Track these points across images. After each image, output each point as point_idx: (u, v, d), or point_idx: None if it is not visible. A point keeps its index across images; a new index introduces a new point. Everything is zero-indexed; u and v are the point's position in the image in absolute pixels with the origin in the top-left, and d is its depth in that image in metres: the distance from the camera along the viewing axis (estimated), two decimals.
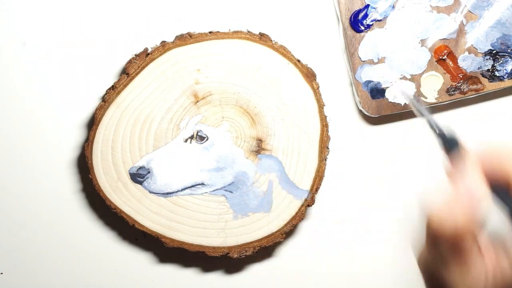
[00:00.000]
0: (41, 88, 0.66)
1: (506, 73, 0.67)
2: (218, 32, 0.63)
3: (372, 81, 0.67)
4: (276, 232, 0.65)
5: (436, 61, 0.67)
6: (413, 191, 0.72)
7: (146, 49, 0.63)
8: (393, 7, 0.67)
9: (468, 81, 0.68)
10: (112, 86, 0.63)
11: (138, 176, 0.63)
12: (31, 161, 0.67)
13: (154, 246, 0.69)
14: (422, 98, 0.68)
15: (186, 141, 0.64)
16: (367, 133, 0.71)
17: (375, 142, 0.71)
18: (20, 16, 0.66)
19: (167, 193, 0.64)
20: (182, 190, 0.64)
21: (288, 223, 0.65)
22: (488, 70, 0.68)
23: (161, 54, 0.62)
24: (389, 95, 0.68)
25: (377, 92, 0.67)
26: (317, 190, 0.66)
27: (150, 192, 0.64)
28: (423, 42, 0.67)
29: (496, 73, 0.68)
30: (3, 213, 0.68)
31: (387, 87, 0.68)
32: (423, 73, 0.68)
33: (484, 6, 0.67)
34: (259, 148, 0.64)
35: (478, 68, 0.68)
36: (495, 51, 0.67)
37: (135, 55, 0.63)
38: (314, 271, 0.71)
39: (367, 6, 0.67)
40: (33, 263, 0.69)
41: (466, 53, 0.67)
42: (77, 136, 0.67)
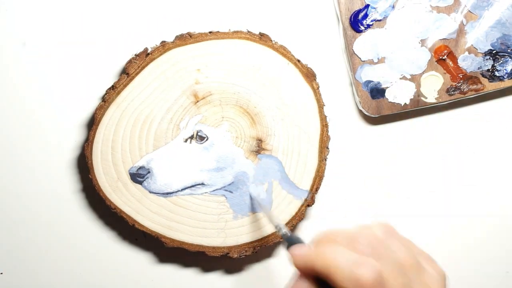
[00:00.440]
0: (41, 88, 0.66)
1: (506, 73, 0.67)
2: (218, 32, 0.63)
3: (372, 81, 0.67)
4: (276, 232, 0.65)
5: (436, 61, 0.67)
6: (413, 191, 0.72)
7: (146, 49, 0.63)
8: (393, 7, 0.67)
9: (468, 81, 0.68)
10: (112, 86, 0.63)
11: (138, 176, 0.63)
12: (31, 161, 0.67)
13: (154, 246, 0.69)
14: (422, 98, 0.68)
15: (186, 141, 0.64)
16: (367, 133, 0.71)
17: (375, 142, 0.71)
18: (20, 16, 0.66)
19: (167, 193, 0.64)
20: (182, 190, 0.64)
21: (288, 223, 0.65)
22: (488, 70, 0.68)
23: (161, 54, 0.62)
24: (389, 95, 0.68)
25: (377, 92, 0.67)
26: (317, 190, 0.66)
27: (150, 192, 0.64)
28: (423, 42, 0.67)
29: (496, 73, 0.68)
30: (3, 213, 0.68)
31: (387, 87, 0.68)
32: (423, 73, 0.68)
33: (484, 6, 0.67)
34: (259, 148, 0.64)
35: (478, 68, 0.68)
36: (495, 51, 0.67)
37: (135, 55, 0.63)
38: None
39: (367, 6, 0.67)
40: (33, 263, 0.69)
41: (466, 53, 0.67)
42: (77, 136, 0.67)
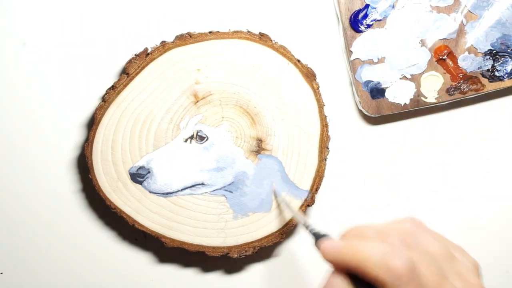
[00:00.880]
0: (41, 88, 0.66)
1: (506, 73, 0.67)
2: (218, 32, 0.63)
3: (372, 81, 0.67)
4: (276, 232, 0.65)
5: (436, 61, 0.67)
6: (413, 191, 0.72)
7: (146, 49, 0.63)
8: (393, 7, 0.67)
9: (468, 81, 0.68)
10: (112, 86, 0.63)
11: (138, 176, 0.63)
12: (31, 161, 0.67)
13: (154, 246, 0.69)
14: (422, 98, 0.68)
15: (186, 141, 0.64)
16: (367, 133, 0.71)
17: (375, 142, 0.71)
18: (20, 16, 0.66)
19: (167, 193, 0.64)
20: (182, 190, 0.64)
21: (288, 223, 0.65)
22: (488, 70, 0.68)
23: (161, 54, 0.62)
24: (389, 95, 0.68)
25: (377, 92, 0.67)
26: (317, 190, 0.66)
27: (150, 192, 0.64)
28: (423, 42, 0.67)
29: (496, 73, 0.68)
30: (3, 213, 0.68)
31: (387, 87, 0.68)
32: (423, 73, 0.68)
33: (484, 6, 0.67)
34: (259, 148, 0.64)
35: (478, 68, 0.68)
36: (495, 51, 0.67)
37: (135, 55, 0.63)
38: (314, 271, 0.71)
39: (367, 6, 0.67)
40: (33, 263, 0.69)
41: (466, 53, 0.67)
42: (77, 136, 0.67)
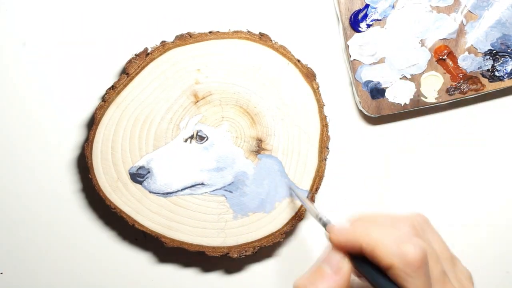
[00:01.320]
0: (41, 88, 0.66)
1: (506, 73, 0.67)
2: (218, 32, 0.63)
3: (372, 81, 0.67)
4: (276, 232, 0.65)
5: (436, 61, 0.67)
6: (413, 191, 0.72)
7: (146, 49, 0.63)
8: (393, 7, 0.67)
9: (468, 81, 0.68)
10: (112, 86, 0.63)
11: (138, 176, 0.63)
12: (31, 161, 0.67)
13: (154, 246, 0.69)
14: (422, 98, 0.68)
15: (186, 141, 0.64)
16: (367, 133, 0.71)
17: (375, 142, 0.71)
18: (20, 16, 0.66)
19: (167, 193, 0.64)
20: (182, 190, 0.64)
21: (288, 223, 0.65)
22: (488, 70, 0.68)
23: (161, 54, 0.62)
24: (389, 95, 0.68)
25: (377, 92, 0.67)
26: (317, 190, 0.66)
27: (150, 192, 0.64)
28: (423, 42, 0.67)
29: (496, 73, 0.68)
30: (3, 213, 0.68)
31: (387, 87, 0.68)
32: (423, 73, 0.68)
33: (484, 6, 0.67)
34: (259, 148, 0.64)
35: (478, 68, 0.68)
36: (495, 51, 0.67)
37: (135, 55, 0.63)
38: None
39: (367, 6, 0.67)
40: (33, 263, 0.69)
41: (466, 53, 0.67)
42: (77, 136, 0.67)
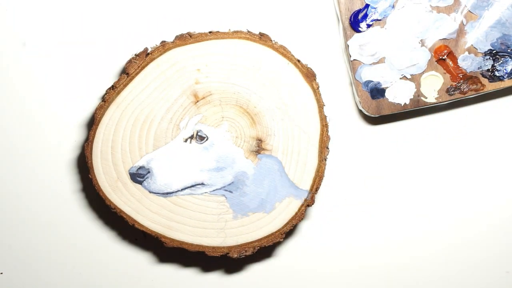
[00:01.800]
0: (41, 88, 0.67)
1: (506, 73, 0.67)
2: (218, 32, 0.63)
3: (372, 81, 0.67)
4: (276, 232, 0.65)
5: (436, 61, 0.67)
6: (413, 191, 0.72)
7: (146, 49, 0.63)
8: (393, 7, 0.67)
9: (468, 81, 0.68)
10: (112, 86, 0.63)
11: (138, 176, 0.63)
12: (31, 161, 0.67)
13: (154, 246, 0.69)
14: (422, 98, 0.68)
15: (186, 141, 0.64)
16: (367, 133, 0.71)
17: (375, 142, 0.71)
18: (20, 16, 0.66)
19: (167, 193, 0.64)
20: (182, 190, 0.64)
21: (288, 223, 0.65)
22: (488, 70, 0.68)
23: (161, 54, 0.62)
24: (389, 95, 0.68)
25: (377, 92, 0.67)
26: (317, 190, 0.66)
27: (150, 192, 0.64)
28: (423, 42, 0.67)
29: (496, 73, 0.68)
30: (3, 213, 0.68)
31: (387, 87, 0.67)
32: (423, 73, 0.68)
33: (484, 6, 0.67)
34: (259, 148, 0.64)
35: (478, 68, 0.68)
36: (495, 51, 0.67)
37: (135, 55, 0.63)
38: (314, 271, 0.71)
39: (367, 6, 0.67)
40: (33, 263, 0.69)
41: (466, 53, 0.67)
42: (77, 136, 0.67)
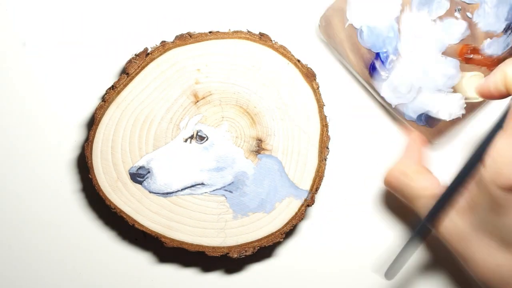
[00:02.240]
0: (41, 88, 0.67)
1: None
2: (218, 32, 0.63)
3: (423, 113, 0.66)
4: (276, 232, 0.65)
5: (466, 63, 0.66)
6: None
7: (146, 49, 0.63)
8: (399, 39, 0.65)
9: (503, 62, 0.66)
10: (112, 86, 0.63)
11: (138, 176, 0.63)
12: (31, 161, 0.67)
13: (154, 246, 0.69)
14: (474, 101, 0.66)
15: (186, 141, 0.64)
16: (367, 133, 0.71)
17: (375, 142, 0.71)
18: (20, 16, 0.66)
19: (167, 193, 0.64)
20: (182, 190, 0.64)
21: (288, 223, 0.65)
22: None
23: (161, 54, 0.62)
24: (444, 116, 0.66)
25: (432, 119, 0.66)
26: (317, 190, 0.66)
27: (150, 192, 0.64)
28: (445, 53, 0.66)
29: None
30: (3, 213, 0.68)
31: (438, 110, 0.66)
32: (462, 80, 0.66)
33: None
34: (259, 148, 0.64)
35: (506, 47, 0.66)
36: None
37: (135, 55, 0.63)
38: (314, 271, 0.71)
39: (378, 55, 0.66)
40: (33, 263, 0.69)
41: (488, 40, 0.66)
42: (77, 136, 0.67)
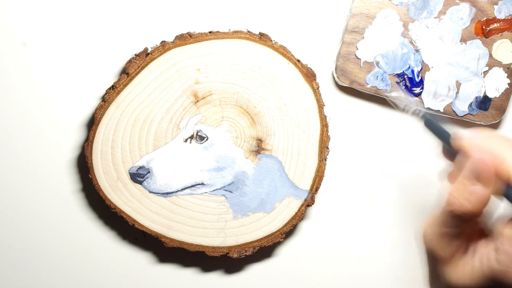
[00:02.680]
0: (41, 88, 0.67)
1: None
2: (218, 32, 0.63)
3: (472, 101, 0.67)
4: (276, 232, 0.65)
5: (487, 37, 0.66)
6: (413, 192, 0.72)
7: (146, 49, 0.63)
8: (417, 51, 0.66)
9: None
10: (112, 86, 0.63)
11: (138, 176, 0.63)
12: (31, 161, 0.67)
13: (154, 246, 0.69)
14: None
15: (186, 141, 0.64)
16: (368, 133, 0.71)
17: (375, 142, 0.71)
18: (20, 16, 0.66)
19: (167, 193, 0.64)
20: (182, 190, 0.64)
21: (288, 223, 0.65)
22: None
23: (161, 54, 0.62)
24: (491, 94, 0.66)
25: (483, 102, 0.67)
26: (317, 190, 0.66)
27: (150, 192, 0.64)
28: (463, 40, 0.66)
29: None
30: (3, 213, 0.68)
31: (485, 92, 0.67)
32: (492, 53, 0.66)
33: None
34: (259, 148, 0.64)
35: None
36: None
37: (135, 55, 0.63)
38: (314, 271, 0.71)
39: (403, 73, 0.66)
40: (33, 263, 0.69)
41: (495, 6, 0.66)
42: (77, 136, 0.67)
